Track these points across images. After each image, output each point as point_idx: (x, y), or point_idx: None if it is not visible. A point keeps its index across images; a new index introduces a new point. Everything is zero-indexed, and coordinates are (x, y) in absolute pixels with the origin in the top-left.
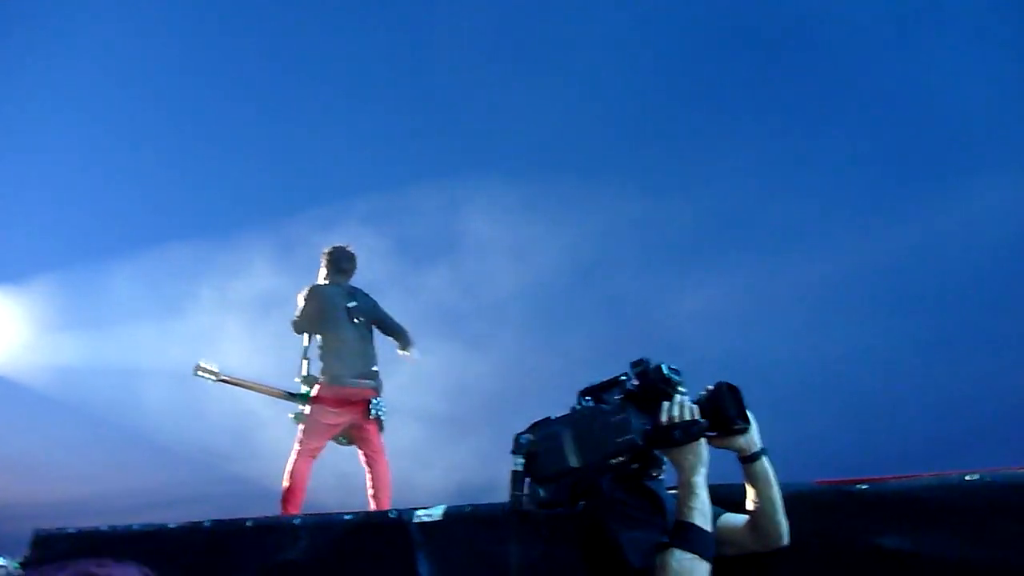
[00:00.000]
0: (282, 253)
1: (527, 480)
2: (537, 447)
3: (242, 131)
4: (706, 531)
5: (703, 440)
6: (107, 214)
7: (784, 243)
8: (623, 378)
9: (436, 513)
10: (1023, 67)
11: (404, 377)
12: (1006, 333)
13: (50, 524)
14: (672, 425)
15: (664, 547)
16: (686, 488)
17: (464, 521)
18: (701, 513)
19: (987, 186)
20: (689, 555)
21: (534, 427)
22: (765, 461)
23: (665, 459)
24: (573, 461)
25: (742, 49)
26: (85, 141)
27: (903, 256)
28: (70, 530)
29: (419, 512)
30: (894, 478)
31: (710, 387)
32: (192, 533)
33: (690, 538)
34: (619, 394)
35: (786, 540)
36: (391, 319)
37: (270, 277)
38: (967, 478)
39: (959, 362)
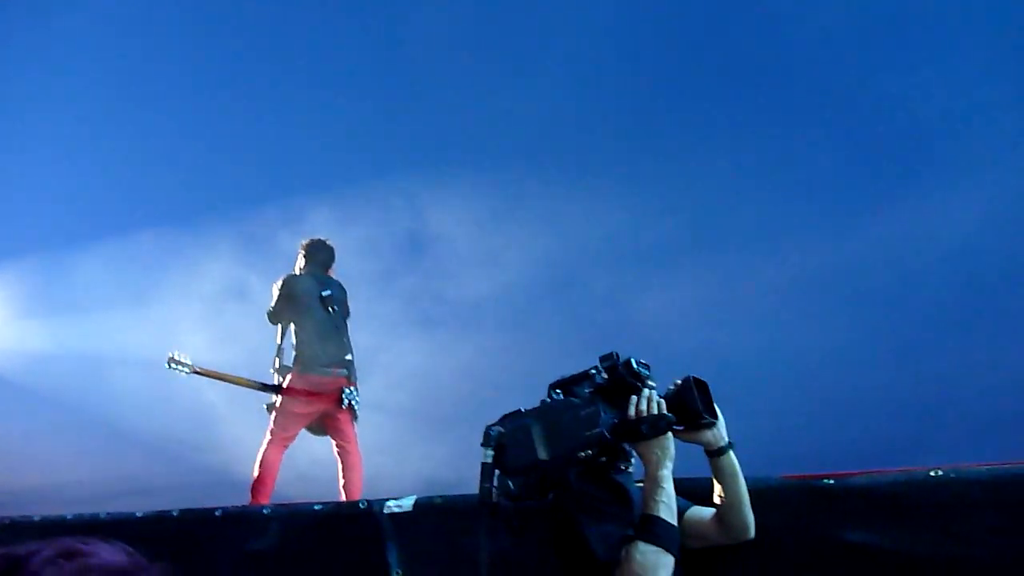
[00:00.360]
0: (249, 245)
1: (496, 472)
2: (507, 439)
3: (212, 121)
4: (671, 525)
5: (670, 434)
6: (74, 201)
7: (753, 243)
8: (593, 372)
9: (407, 504)
10: (991, 72)
11: (378, 373)
12: (970, 333)
13: (15, 512)
14: (640, 419)
15: (629, 540)
16: (652, 482)
17: (434, 512)
18: (667, 507)
19: (954, 189)
20: (654, 548)
21: (504, 419)
22: (732, 455)
23: (633, 452)
24: (542, 454)
25: (715, 53)
26: (53, 128)
27: (870, 257)
28: (35, 518)
29: (390, 503)
30: (860, 473)
31: (678, 382)
32: (160, 522)
33: (655, 532)
34: (589, 388)
35: (752, 533)
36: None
37: (237, 268)
38: (932, 474)
39: (925, 361)
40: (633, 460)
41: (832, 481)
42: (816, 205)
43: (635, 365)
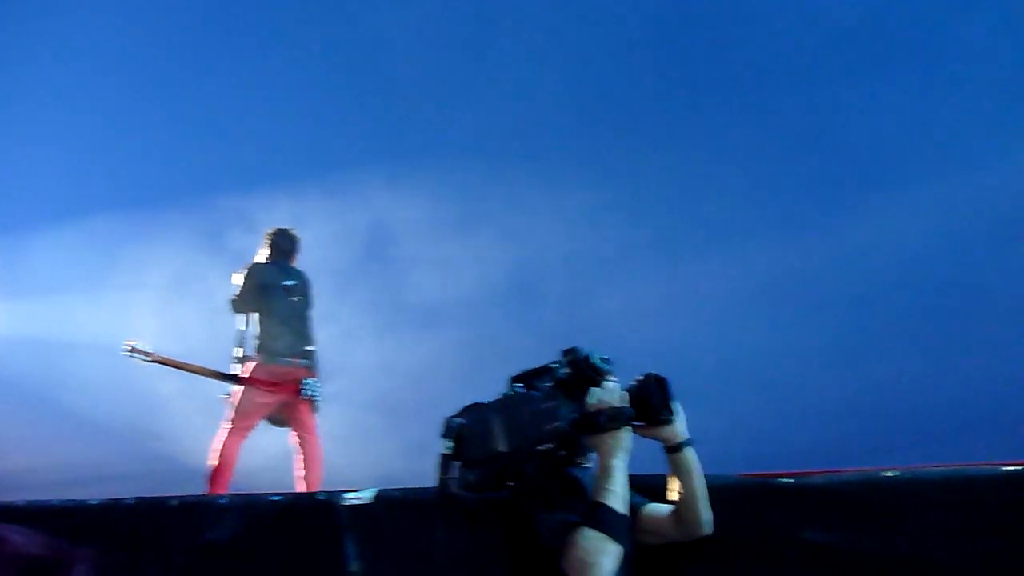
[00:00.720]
0: (203, 237)
1: (456, 464)
2: (467, 431)
3: (170, 110)
4: (619, 513)
5: (628, 428)
6: (29, 185)
7: (716, 246)
8: (554, 366)
9: (366, 496)
10: (952, 83)
11: (339, 368)
12: (926, 340)
13: None
14: (599, 412)
15: (574, 526)
16: (604, 471)
17: (393, 505)
18: (615, 496)
19: (905, 198)
20: (598, 535)
21: (465, 411)
22: (690, 452)
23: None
24: (502, 446)
25: (681, 58)
26: (6, 113)
27: (831, 263)
28: None
29: (348, 495)
30: (817, 472)
31: (639, 378)
32: (114, 510)
33: (601, 518)
34: (550, 381)
35: (709, 530)
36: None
37: (191, 258)
38: (887, 475)
39: (882, 365)
40: (592, 455)
41: (790, 480)
42: (779, 210)
43: (596, 360)
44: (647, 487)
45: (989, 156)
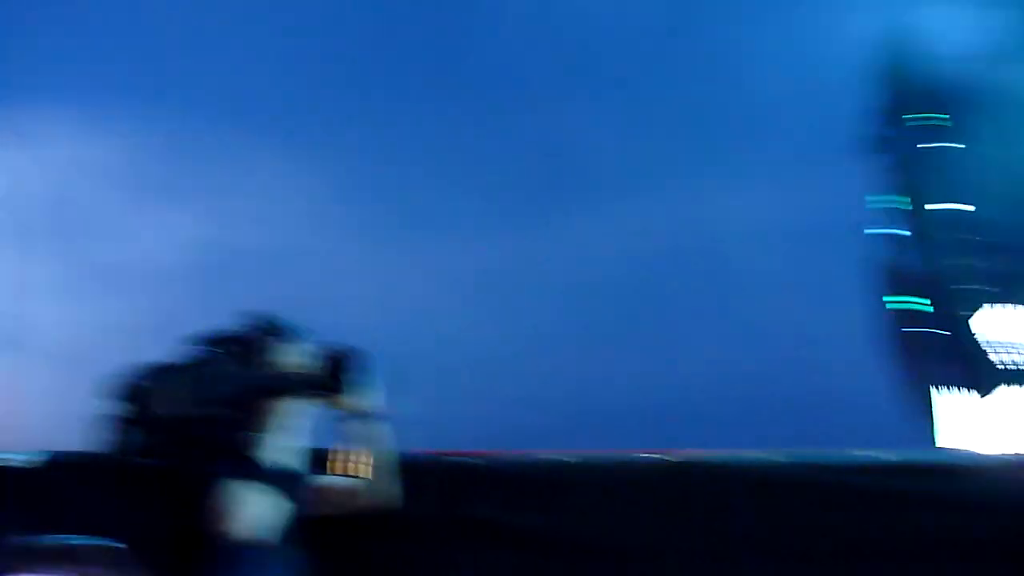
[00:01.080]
0: None
1: (127, 426)
2: (145, 393)
3: None
4: (277, 471)
5: (308, 394)
6: None
7: (427, 236)
8: (239, 331)
9: (22, 458)
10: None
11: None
12: (617, 335)
13: None
14: (280, 377)
15: (231, 477)
16: (271, 431)
17: (56, 467)
18: (276, 453)
19: (630, 207)
20: (243, 485)
21: (140, 372)
22: (377, 426)
23: (276, 412)
24: (178, 408)
25: (423, 49)
26: None
27: (539, 260)
28: None
29: (6, 455)
30: (494, 453)
31: (328, 349)
32: None
33: (250, 472)
34: (232, 346)
35: (394, 503)
36: None
37: None
38: (551, 457)
39: (577, 357)
40: (272, 418)
41: (469, 459)
42: (500, 208)
43: (281, 327)
44: (331, 459)
45: (690, 181)
